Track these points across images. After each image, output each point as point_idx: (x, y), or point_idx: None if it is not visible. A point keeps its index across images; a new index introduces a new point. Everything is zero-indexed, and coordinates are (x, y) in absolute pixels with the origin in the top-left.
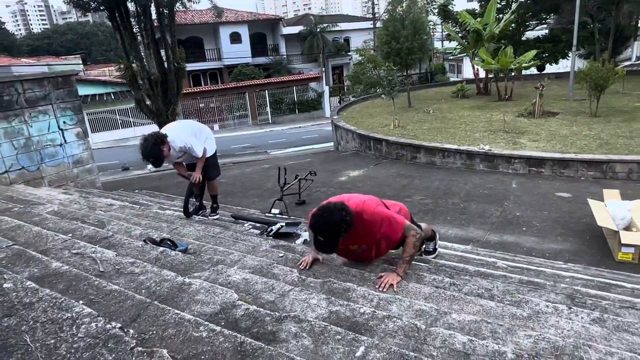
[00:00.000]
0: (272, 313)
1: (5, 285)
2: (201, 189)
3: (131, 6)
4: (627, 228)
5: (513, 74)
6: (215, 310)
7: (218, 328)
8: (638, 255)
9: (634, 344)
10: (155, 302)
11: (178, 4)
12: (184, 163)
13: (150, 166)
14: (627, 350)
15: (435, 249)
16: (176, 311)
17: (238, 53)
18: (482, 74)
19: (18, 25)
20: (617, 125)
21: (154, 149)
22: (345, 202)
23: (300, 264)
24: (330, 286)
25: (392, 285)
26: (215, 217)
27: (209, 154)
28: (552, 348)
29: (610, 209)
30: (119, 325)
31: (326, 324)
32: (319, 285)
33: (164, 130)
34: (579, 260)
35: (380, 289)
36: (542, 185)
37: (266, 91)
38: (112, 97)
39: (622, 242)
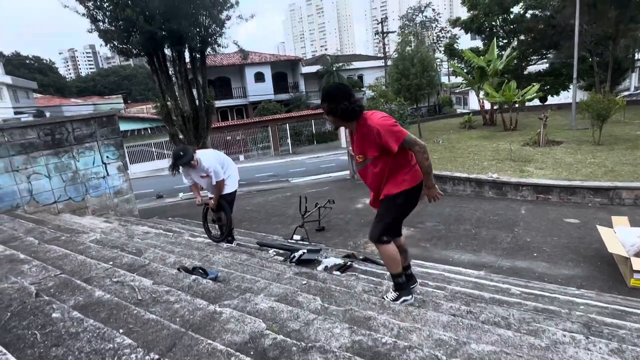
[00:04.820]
0: (298, 343)
1: (54, 315)
2: (219, 218)
3: (167, 52)
4: (638, 254)
5: (517, 105)
6: (245, 339)
7: (248, 359)
8: None
9: None
10: (190, 332)
11: (209, 49)
12: (202, 186)
13: (181, 194)
14: None
15: (399, 295)
16: (208, 341)
17: (262, 90)
18: (487, 106)
19: (69, 69)
20: (621, 153)
21: (185, 149)
22: (372, 116)
23: None
24: (352, 314)
25: (435, 197)
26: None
27: (229, 190)
28: None
29: (619, 236)
30: (156, 356)
31: (350, 354)
32: (341, 314)
33: (198, 151)
34: (592, 286)
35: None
36: (550, 211)
37: (287, 124)
38: (149, 131)
39: (634, 268)
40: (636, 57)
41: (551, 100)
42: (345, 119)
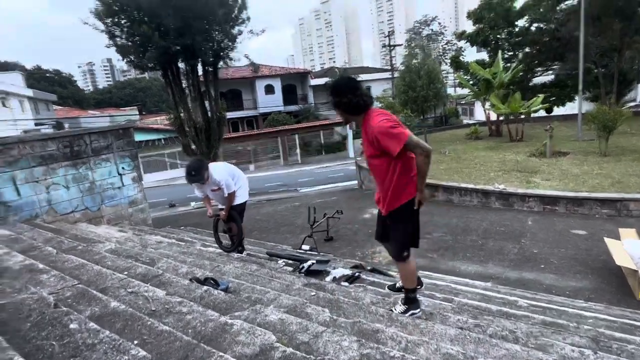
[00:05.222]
0: (307, 356)
1: (71, 326)
2: (229, 228)
3: (181, 65)
4: None
5: (523, 116)
6: (255, 351)
7: None
8: None
9: None
10: (202, 344)
11: (221, 63)
12: (212, 200)
13: (193, 203)
14: None
15: (408, 308)
16: (220, 353)
17: (272, 102)
18: (493, 117)
19: (87, 82)
20: (627, 164)
21: (198, 165)
22: (377, 110)
23: None
24: (360, 327)
25: (423, 201)
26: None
27: (239, 201)
28: None
29: (627, 248)
30: None
31: None
32: (349, 326)
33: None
34: (600, 298)
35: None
36: (557, 222)
37: (296, 135)
38: (163, 142)
39: None
40: None
41: (557, 111)
42: (350, 112)
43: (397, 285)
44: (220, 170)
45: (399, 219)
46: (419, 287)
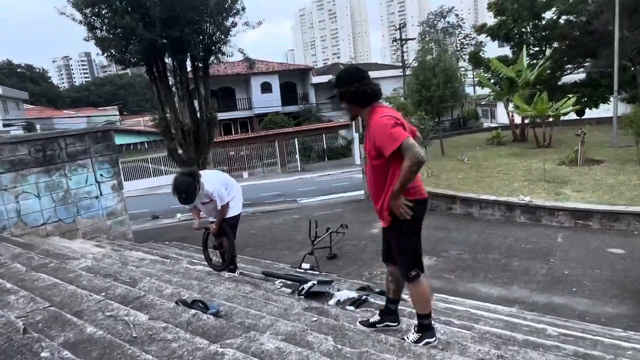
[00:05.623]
0: None
1: (42, 354)
2: (220, 244)
3: (168, 61)
4: None
5: (551, 120)
6: None
7: None
8: None
9: None
10: None
11: (212, 58)
12: (202, 212)
13: (179, 215)
14: None
15: (422, 337)
16: None
17: (268, 102)
18: (517, 120)
19: (62, 78)
20: None
21: (189, 185)
22: (383, 105)
23: None
24: (368, 358)
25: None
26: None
27: (232, 214)
28: None
29: None
30: None
31: None
32: (356, 357)
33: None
34: None
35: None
36: (590, 239)
37: (295, 139)
38: (146, 146)
39: None
40: None
41: (589, 113)
42: (356, 103)
43: (371, 320)
44: (212, 180)
45: (401, 229)
46: (394, 324)
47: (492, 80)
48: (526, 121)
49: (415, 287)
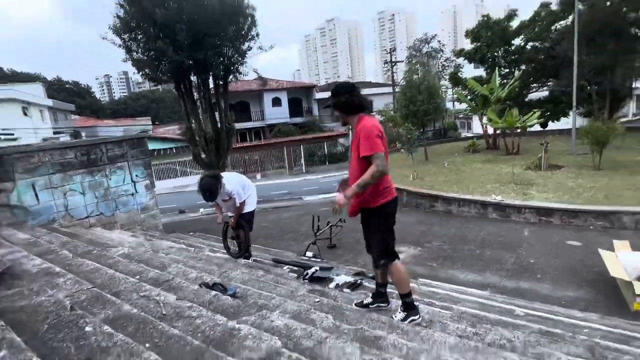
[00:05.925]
0: None
1: (87, 328)
2: (237, 235)
3: (193, 79)
4: None
5: (519, 131)
6: (262, 356)
7: None
8: None
9: None
10: (211, 348)
11: (231, 77)
12: (223, 208)
13: (202, 209)
14: None
15: (407, 315)
16: (228, 358)
17: (278, 114)
18: (490, 131)
19: (104, 92)
20: (621, 178)
21: (212, 185)
22: (370, 116)
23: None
24: (363, 334)
25: (340, 206)
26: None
27: (248, 209)
28: None
29: (622, 260)
30: None
31: None
32: (352, 333)
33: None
34: (595, 309)
35: (333, 213)
36: (552, 233)
37: (301, 146)
38: (174, 151)
39: (637, 292)
40: (634, 86)
41: (552, 126)
42: (346, 111)
43: (365, 301)
44: (232, 180)
45: (373, 221)
46: (384, 304)
47: (468, 97)
48: (498, 132)
49: (391, 269)
